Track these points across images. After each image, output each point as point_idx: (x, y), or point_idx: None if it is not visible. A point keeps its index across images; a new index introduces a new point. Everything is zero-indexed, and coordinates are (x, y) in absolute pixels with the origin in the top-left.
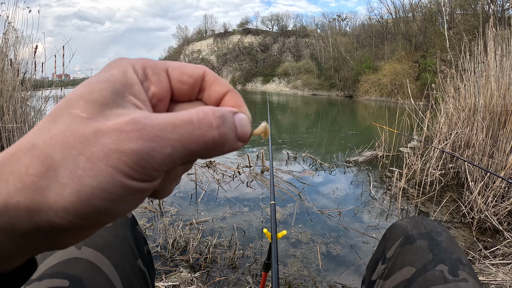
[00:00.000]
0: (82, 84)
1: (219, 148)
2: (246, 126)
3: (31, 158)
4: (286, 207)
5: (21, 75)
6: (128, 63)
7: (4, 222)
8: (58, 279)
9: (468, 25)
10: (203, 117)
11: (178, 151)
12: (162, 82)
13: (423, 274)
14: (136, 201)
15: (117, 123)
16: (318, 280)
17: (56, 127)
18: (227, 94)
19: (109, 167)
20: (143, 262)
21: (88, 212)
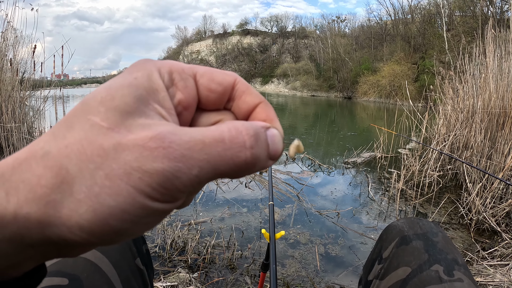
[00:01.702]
0: (103, 87)
1: (250, 169)
2: (278, 144)
3: (43, 168)
4: (285, 208)
5: (20, 75)
6: (153, 66)
7: (13, 232)
8: (57, 278)
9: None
10: (236, 136)
11: (206, 173)
12: (189, 89)
13: (418, 274)
14: (156, 222)
15: (141, 138)
16: (316, 280)
17: (72, 134)
18: (258, 105)
19: (129, 187)
20: (142, 261)
21: (103, 232)
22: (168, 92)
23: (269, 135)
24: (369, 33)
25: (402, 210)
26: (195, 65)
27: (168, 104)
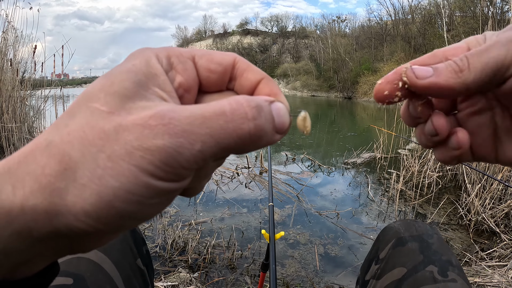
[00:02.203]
0: (103, 76)
1: (256, 143)
2: (284, 116)
3: (47, 157)
4: (285, 208)
5: (21, 75)
6: (151, 52)
7: (21, 225)
8: (62, 277)
9: (467, 27)
10: (237, 108)
11: (210, 147)
12: (188, 71)
13: (413, 275)
14: (163, 204)
15: (140, 118)
16: (316, 281)
17: (74, 122)
18: (261, 82)
19: (132, 166)
20: (143, 262)
21: (110, 216)
22: (167, 75)
23: (274, 108)
24: (369, 33)
25: (402, 210)
26: (194, 49)
27: (169, 87)
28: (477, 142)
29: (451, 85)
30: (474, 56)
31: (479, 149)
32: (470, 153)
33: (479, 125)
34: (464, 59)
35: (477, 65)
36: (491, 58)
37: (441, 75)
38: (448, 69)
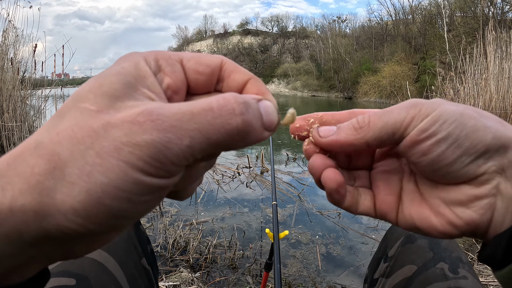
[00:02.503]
0: (92, 78)
1: (244, 138)
2: (272, 114)
3: (36, 158)
4: (286, 208)
5: (21, 74)
6: (140, 55)
7: (10, 227)
8: (65, 278)
9: (467, 27)
10: (224, 104)
11: (198, 142)
12: (177, 73)
13: (424, 272)
14: (153, 201)
15: (129, 115)
16: (318, 280)
17: (63, 122)
18: (248, 82)
19: (120, 162)
20: (147, 261)
21: (99, 214)
22: (156, 78)
23: (262, 105)
24: (369, 33)
25: None
26: (182, 52)
27: (157, 88)
28: (381, 198)
29: (350, 141)
30: (376, 115)
31: (382, 205)
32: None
33: (387, 183)
34: (366, 117)
35: (378, 123)
36: (392, 118)
37: (341, 133)
38: (349, 127)
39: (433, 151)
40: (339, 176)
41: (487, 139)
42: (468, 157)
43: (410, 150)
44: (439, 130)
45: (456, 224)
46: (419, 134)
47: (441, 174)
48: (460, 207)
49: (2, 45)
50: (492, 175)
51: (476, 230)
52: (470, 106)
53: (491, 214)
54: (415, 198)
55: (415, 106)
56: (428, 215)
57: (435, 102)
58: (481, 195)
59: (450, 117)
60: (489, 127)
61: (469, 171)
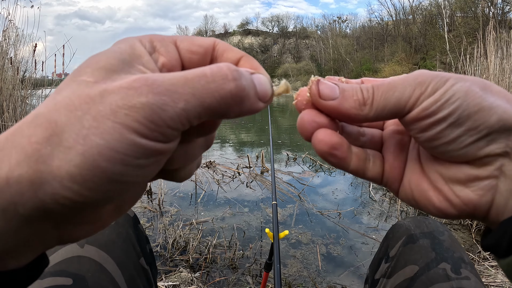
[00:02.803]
0: (89, 57)
1: (238, 104)
2: (265, 85)
3: (34, 127)
4: (286, 208)
5: (21, 74)
6: (134, 38)
7: (6, 200)
8: (62, 278)
9: (468, 27)
10: (218, 70)
11: (193, 106)
12: (171, 53)
13: (426, 272)
14: (149, 168)
15: (125, 81)
16: (318, 281)
17: (61, 94)
18: (241, 59)
19: (116, 124)
20: (146, 261)
21: (95, 178)
22: (151, 57)
23: (255, 77)
24: (370, 33)
25: (404, 210)
26: (175, 35)
27: (152, 66)
28: (390, 163)
29: (351, 116)
30: (379, 91)
31: (390, 172)
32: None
33: (398, 146)
34: (370, 91)
35: (380, 101)
36: (395, 96)
37: (344, 103)
38: (354, 98)
39: (432, 128)
40: (334, 137)
41: (490, 121)
42: (468, 137)
43: (410, 125)
44: (441, 109)
45: (453, 202)
46: (421, 112)
47: (439, 151)
48: (459, 185)
49: (2, 44)
50: (495, 157)
51: (475, 211)
52: (479, 80)
53: (492, 197)
54: (415, 168)
55: (422, 84)
56: (426, 188)
57: (444, 77)
58: (482, 176)
59: (454, 96)
60: (495, 107)
61: (469, 151)
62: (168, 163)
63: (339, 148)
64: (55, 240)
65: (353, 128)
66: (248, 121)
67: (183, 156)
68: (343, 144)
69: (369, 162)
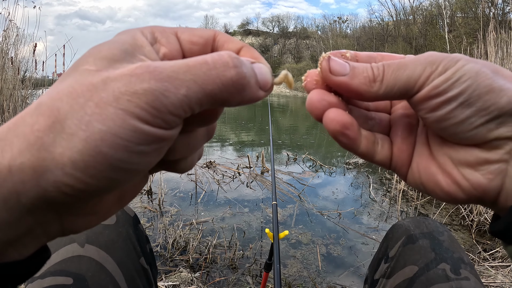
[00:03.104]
0: (91, 48)
1: (239, 92)
2: (266, 74)
3: (36, 116)
4: (286, 208)
5: (22, 74)
6: (136, 29)
7: (9, 189)
8: (62, 277)
9: (468, 28)
10: (219, 58)
11: (194, 92)
12: (172, 44)
13: (425, 273)
14: (151, 155)
15: (127, 69)
16: (318, 281)
17: (63, 83)
18: (241, 49)
19: (119, 110)
20: (146, 260)
21: (97, 164)
22: (152, 47)
23: (256, 66)
24: (370, 33)
25: (404, 211)
26: (176, 27)
27: (154, 56)
28: (399, 147)
29: (361, 92)
30: (390, 69)
31: (399, 156)
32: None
33: (406, 129)
34: (381, 68)
35: (391, 79)
36: (405, 75)
37: (354, 79)
38: (364, 75)
39: (442, 108)
40: (345, 116)
41: (501, 102)
42: (478, 118)
43: (420, 104)
44: (451, 88)
45: (462, 186)
46: (431, 91)
47: (448, 133)
48: (468, 168)
49: (3, 44)
50: (505, 141)
51: (484, 196)
52: (489, 64)
53: (502, 181)
54: (423, 152)
55: (433, 63)
56: (434, 172)
57: (455, 57)
58: (492, 160)
59: (464, 75)
60: (505, 89)
61: (478, 133)
62: (170, 153)
63: (350, 128)
64: (57, 231)
65: (361, 112)
66: (248, 121)
67: (185, 146)
68: (354, 124)
69: (378, 145)
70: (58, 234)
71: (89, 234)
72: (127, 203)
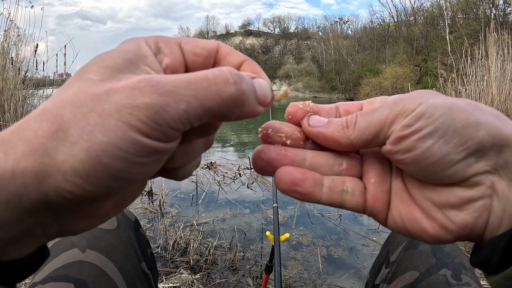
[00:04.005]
0: (95, 56)
1: (238, 108)
2: (266, 89)
3: (40, 121)
4: (287, 209)
5: (23, 74)
6: (140, 38)
7: (11, 192)
8: (63, 283)
9: (469, 29)
10: (219, 74)
11: (194, 107)
12: (175, 54)
13: (426, 278)
14: (150, 166)
15: (130, 81)
16: (319, 283)
17: (67, 91)
18: (243, 63)
19: (120, 122)
20: (147, 265)
21: (97, 173)
22: (156, 58)
23: (256, 82)
24: (371, 34)
25: None
26: (180, 37)
27: (157, 66)
28: (373, 192)
29: (336, 138)
30: (362, 115)
31: (373, 201)
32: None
33: (380, 173)
34: (354, 117)
35: (362, 123)
36: (375, 117)
37: (329, 127)
38: (338, 123)
39: (418, 146)
40: (296, 173)
41: (479, 136)
42: (456, 154)
43: (395, 147)
44: (424, 125)
45: (449, 229)
46: (403, 130)
47: (427, 173)
48: (453, 210)
49: (3, 44)
50: (484, 175)
51: (471, 234)
52: (463, 99)
53: (487, 217)
54: (403, 198)
55: (398, 103)
56: (419, 218)
57: (420, 96)
58: (475, 197)
59: (436, 111)
60: (482, 122)
61: (459, 170)
62: (169, 162)
63: (301, 184)
64: (56, 232)
65: (332, 156)
66: (249, 122)
67: (183, 156)
68: (307, 178)
69: (347, 193)
70: (57, 235)
71: (90, 239)
72: (126, 207)
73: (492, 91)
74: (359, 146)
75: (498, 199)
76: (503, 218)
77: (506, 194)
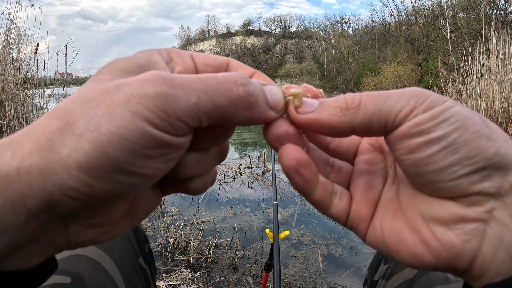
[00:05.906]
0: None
1: (247, 108)
2: (276, 95)
3: (49, 119)
4: (288, 208)
5: (23, 73)
6: (153, 49)
7: (16, 191)
8: (60, 276)
9: (470, 28)
10: (228, 76)
11: (204, 102)
12: (187, 64)
13: (425, 275)
14: (156, 160)
15: (140, 75)
16: (319, 281)
17: (78, 92)
18: (253, 75)
19: (128, 112)
20: (145, 260)
21: (102, 166)
22: (167, 66)
23: (267, 88)
24: (372, 34)
25: None
26: (191, 51)
27: (168, 71)
28: (358, 205)
29: (333, 124)
30: (370, 98)
31: (357, 213)
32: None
33: (368, 186)
34: (358, 97)
35: (370, 107)
36: (387, 105)
37: (323, 112)
38: (334, 105)
39: (422, 150)
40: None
41: (489, 153)
42: (461, 168)
43: (397, 143)
44: (435, 128)
45: (431, 246)
46: (411, 128)
47: (425, 180)
48: (440, 226)
49: (4, 44)
50: (487, 197)
51: (456, 261)
52: (477, 113)
53: (478, 245)
54: (390, 208)
55: (419, 97)
56: (400, 229)
57: (442, 97)
58: (468, 218)
59: (452, 117)
60: (493, 139)
61: (460, 185)
62: (181, 169)
63: (307, 167)
64: (63, 241)
65: (321, 154)
66: None
67: (196, 164)
68: (311, 165)
69: (335, 196)
70: (64, 246)
71: None
72: (139, 220)
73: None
74: (360, 133)
75: (495, 227)
76: (498, 251)
77: (507, 223)
